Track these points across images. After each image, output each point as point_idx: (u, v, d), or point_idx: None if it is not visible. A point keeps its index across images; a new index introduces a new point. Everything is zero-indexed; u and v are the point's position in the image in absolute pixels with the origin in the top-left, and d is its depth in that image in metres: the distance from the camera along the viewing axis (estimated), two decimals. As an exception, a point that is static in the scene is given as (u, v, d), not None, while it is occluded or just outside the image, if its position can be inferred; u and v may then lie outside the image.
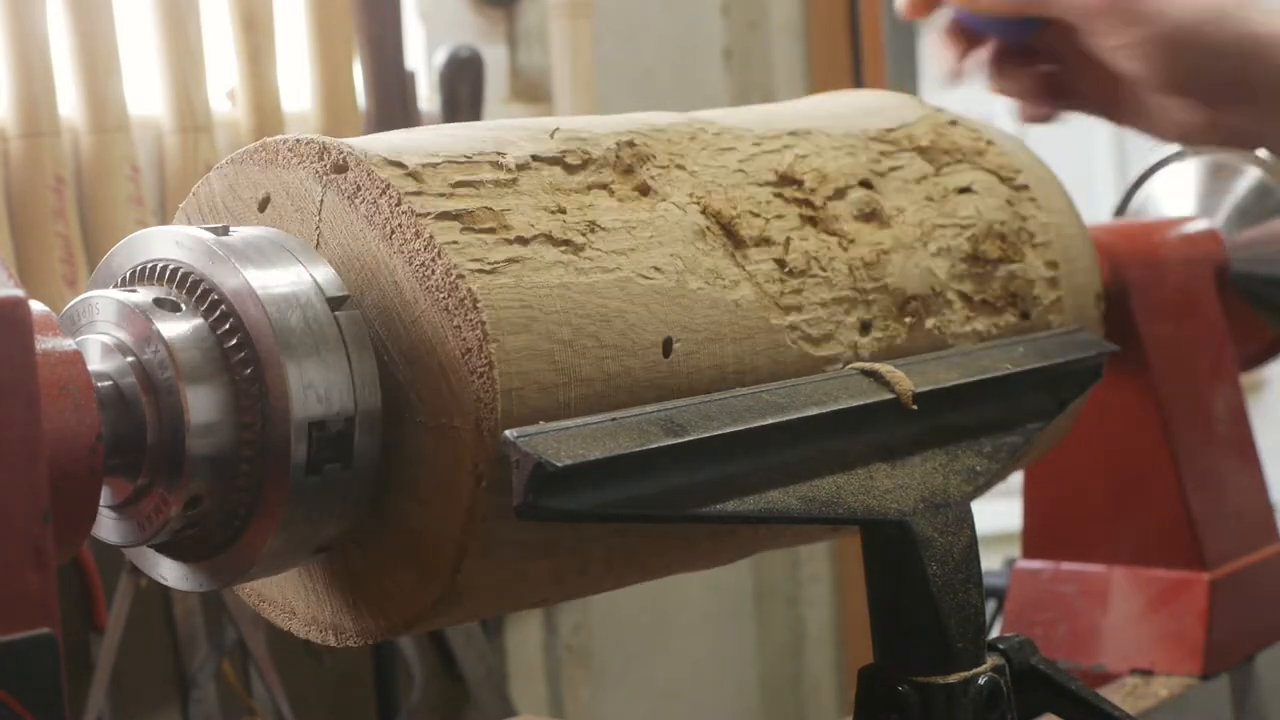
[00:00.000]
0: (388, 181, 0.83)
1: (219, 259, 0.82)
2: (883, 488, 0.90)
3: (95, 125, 1.89)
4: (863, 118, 1.08)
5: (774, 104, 1.11)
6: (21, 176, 1.84)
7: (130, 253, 0.86)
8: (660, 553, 0.94)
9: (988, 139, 1.12)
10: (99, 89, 1.88)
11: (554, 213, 0.87)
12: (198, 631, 2.04)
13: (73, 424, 0.75)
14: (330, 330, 0.82)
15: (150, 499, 0.81)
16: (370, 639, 0.88)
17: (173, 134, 1.97)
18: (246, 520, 0.82)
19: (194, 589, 0.85)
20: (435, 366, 0.82)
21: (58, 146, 1.85)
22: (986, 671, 0.89)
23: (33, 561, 0.69)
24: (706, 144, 0.97)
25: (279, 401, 0.80)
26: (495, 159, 0.87)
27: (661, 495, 0.82)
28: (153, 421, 0.80)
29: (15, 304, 0.70)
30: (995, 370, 0.99)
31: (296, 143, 0.86)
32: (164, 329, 0.80)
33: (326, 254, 0.85)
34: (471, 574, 0.83)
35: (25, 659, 0.68)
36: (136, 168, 1.92)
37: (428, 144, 0.87)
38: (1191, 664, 1.31)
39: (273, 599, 0.91)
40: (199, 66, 1.97)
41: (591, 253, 0.86)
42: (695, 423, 0.83)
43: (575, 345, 0.83)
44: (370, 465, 0.83)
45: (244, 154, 0.89)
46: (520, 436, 0.77)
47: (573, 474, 0.77)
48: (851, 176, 1.01)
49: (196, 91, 1.97)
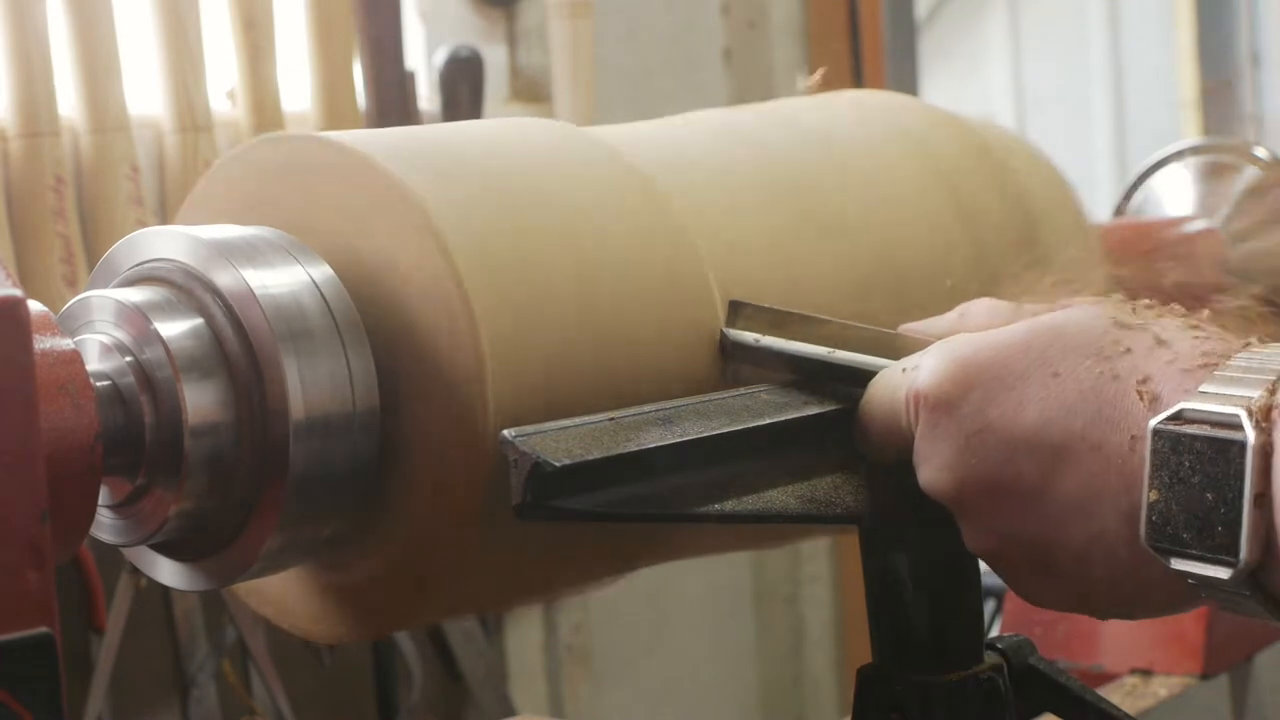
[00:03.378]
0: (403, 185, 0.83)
1: (217, 259, 0.82)
2: (881, 487, 0.90)
3: (95, 125, 1.89)
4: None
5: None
6: (21, 176, 1.84)
7: (129, 252, 0.86)
8: (654, 549, 0.94)
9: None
10: (99, 89, 1.88)
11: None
12: (198, 631, 2.04)
13: (71, 423, 0.75)
14: (328, 330, 0.82)
15: (149, 498, 0.81)
16: (368, 636, 0.88)
17: (173, 134, 1.97)
18: (245, 520, 0.82)
19: (193, 588, 0.85)
20: (435, 367, 0.82)
21: (58, 146, 1.85)
22: (985, 671, 0.89)
23: (31, 561, 0.69)
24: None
25: (277, 401, 0.80)
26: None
27: (659, 495, 0.82)
28: (151, 421, 0.80)
29: (14, 304, 0.70)
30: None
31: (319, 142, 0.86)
32: (162, 329, 0.80)
33: (327, 253, 0.85)
34: (470, 573, 0.83)
35: (24, 659, 0.68)
36: (136, 168, 1.92)
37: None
38: (1191, 664, 1.31)
39: (271, 598, 0.91)
40: (199, 66, 1.97)
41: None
42: (693, 422, 0.83)
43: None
44: (368, 465, 0.83)
45: (244, 150, 0.89)
46: (519, 436, 0.78)
47: (571, 474, 0.77)
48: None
49: (196, 91, 1.97)
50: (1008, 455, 0.79)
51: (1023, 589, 0.83)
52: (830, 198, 1.01)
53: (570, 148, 0.94)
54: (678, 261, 0.91)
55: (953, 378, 0.80)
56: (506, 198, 0.87)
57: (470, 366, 0.80)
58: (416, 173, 0.85)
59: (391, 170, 0.84)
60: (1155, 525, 0.74)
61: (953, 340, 0.83)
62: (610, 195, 0.91)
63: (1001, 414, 0.79)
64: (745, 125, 1.06)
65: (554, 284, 0.85)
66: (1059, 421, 0.78)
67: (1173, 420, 0.74)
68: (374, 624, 0.88)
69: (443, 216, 0.83)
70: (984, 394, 0.80)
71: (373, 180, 0.84)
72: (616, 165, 0.93)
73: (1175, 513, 0.73)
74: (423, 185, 0.84)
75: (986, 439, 0.79)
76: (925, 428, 0.81)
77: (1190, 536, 0.73)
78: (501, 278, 0.83)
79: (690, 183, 0.96)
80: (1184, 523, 0.73)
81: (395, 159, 0.85)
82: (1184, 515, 0.73)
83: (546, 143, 0.94)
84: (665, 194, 0.93)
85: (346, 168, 0.85)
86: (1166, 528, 0.74)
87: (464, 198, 0.85)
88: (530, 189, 0.88)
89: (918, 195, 1.05)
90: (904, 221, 1.03)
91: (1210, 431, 0.73)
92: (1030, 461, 0.78)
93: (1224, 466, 0.72)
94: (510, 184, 0.88)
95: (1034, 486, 0.79)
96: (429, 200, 0.83)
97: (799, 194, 1.00)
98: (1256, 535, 0.71)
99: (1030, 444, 0.78)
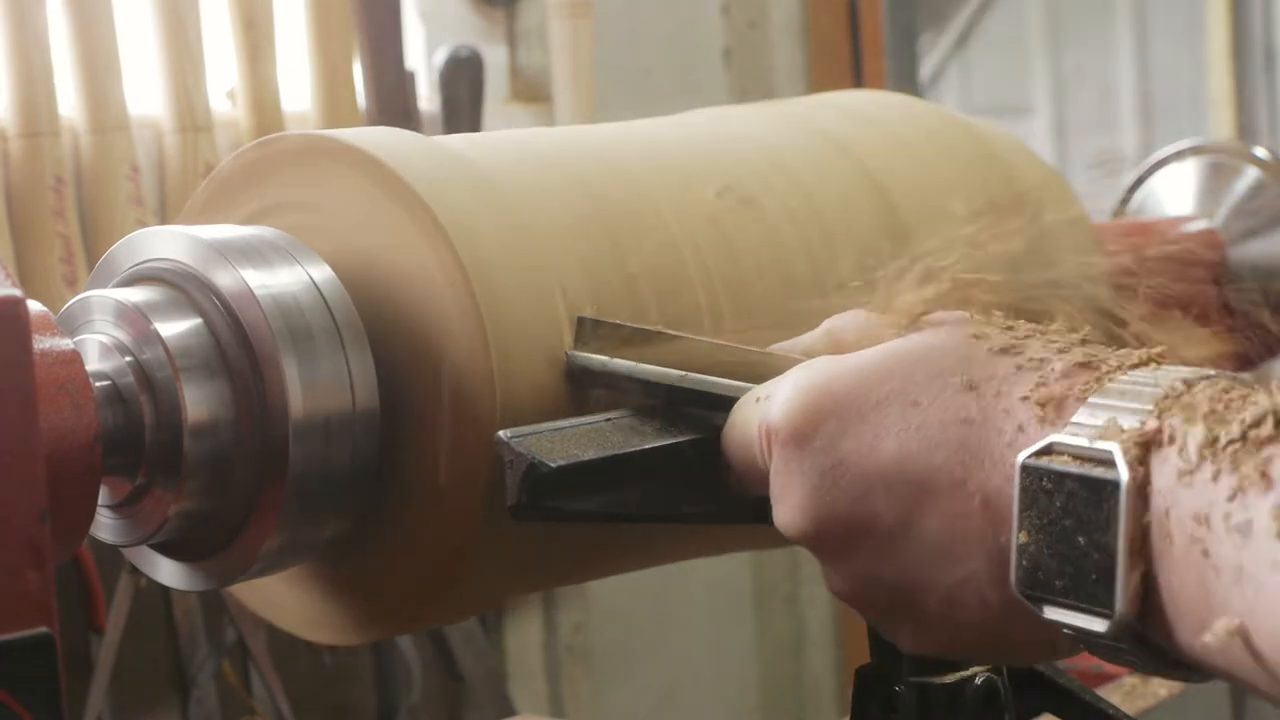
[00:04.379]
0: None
1: (217, 259, 0.82)
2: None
3: (95, 125, 1.89)
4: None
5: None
6: (21, 176, 1.84)
7: (129, 252, 0.86)
8: (648, 545, 0.94)
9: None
10: (99, 89, 1.88)
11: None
12: (198, 631, 2.04)
13: (71, 423, 0.75)
14: (328, 330, 0.82)
15: (149, 498, 0.81)
16: (369, 638, 0.88)
17: (173, 134, 1.97)
18: (245, 520, 0.82)
19: (193, 588, 0.85)
20: (433, 367, 0.82)
21: (58, 146, 1.85)
22: (984, 671, 0.89)
23: (31, 561, 0.69)
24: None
25: (277, 401, 0.80)
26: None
27: (656, 495, 0.82)
28: (151, 421, 0.80)
29: (13, 304, 0.70)
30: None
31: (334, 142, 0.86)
32: (162, 329, 0.80)
33: (326, 253, 0.85)
34: (468, 571, 0.83)
35: (24, 659, 0.68)
36: (136, 168, 1.92)
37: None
38: (1190, 664, 1.30)
39: (271, 598, 0.91)
40: (199, 66, 1.97)
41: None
42: (690, 422, 0.83)
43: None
44: (368, 465, 0.83)
45: (246, 150, 0.90)
46: (514, 437, 0.78)
47: (567, 474, 0.77)
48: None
49: (196, 91, 1.97)
50: (863, 493, 0.72)
51: (890, 634, 0.76)
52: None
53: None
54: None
55: (804, 409, 0.73)
56: (504, 198, 0.87)
57: (473, 366, 0.80)
58: (419, 171, 0.85)
59: (395, 168, 0.84)
60: (1026, 570, 0.67)
61: (809, 365, 0.76)
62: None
63: (856, 448, 0.72)
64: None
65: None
66: (919, 455, 0.70)
67: (1043, 454, 0.66)
68: (374, 627, 0.88)
69: (446, 215, 0.83)
70: (838, 426, 0.72)
71: (375, 178, 0.84)
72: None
73: (1047, 558, 0.66)
74: (425, 183, 0.84)
75: (840, 475, 0.72)
76: (778, 463, 0.74)
77: (1063, 584, 0.65)
78: (505, 277, 0.83)
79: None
80: (1056, 569, 0.65)
81: (397, 157, 0.85)
82: (1056, 561, 0.65)
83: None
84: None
85: (348, 166, 0.85)
86: (1038, 573, 0.66)
87: (465, 196, 0.85)
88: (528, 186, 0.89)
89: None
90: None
91: (1081, 469, 0.65)
92: (888, 499, 0.71)
93: (1096, 508, 0.64)
94: (507, 183, 0.88)
95: (893, 527, 0.71)
96: (433, 198, 0.83)
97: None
98: (1133, 586, 0.64)
99: (887, 480, 0.71)
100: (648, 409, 0.82)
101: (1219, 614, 0.61)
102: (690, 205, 0.93)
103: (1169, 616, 0.64)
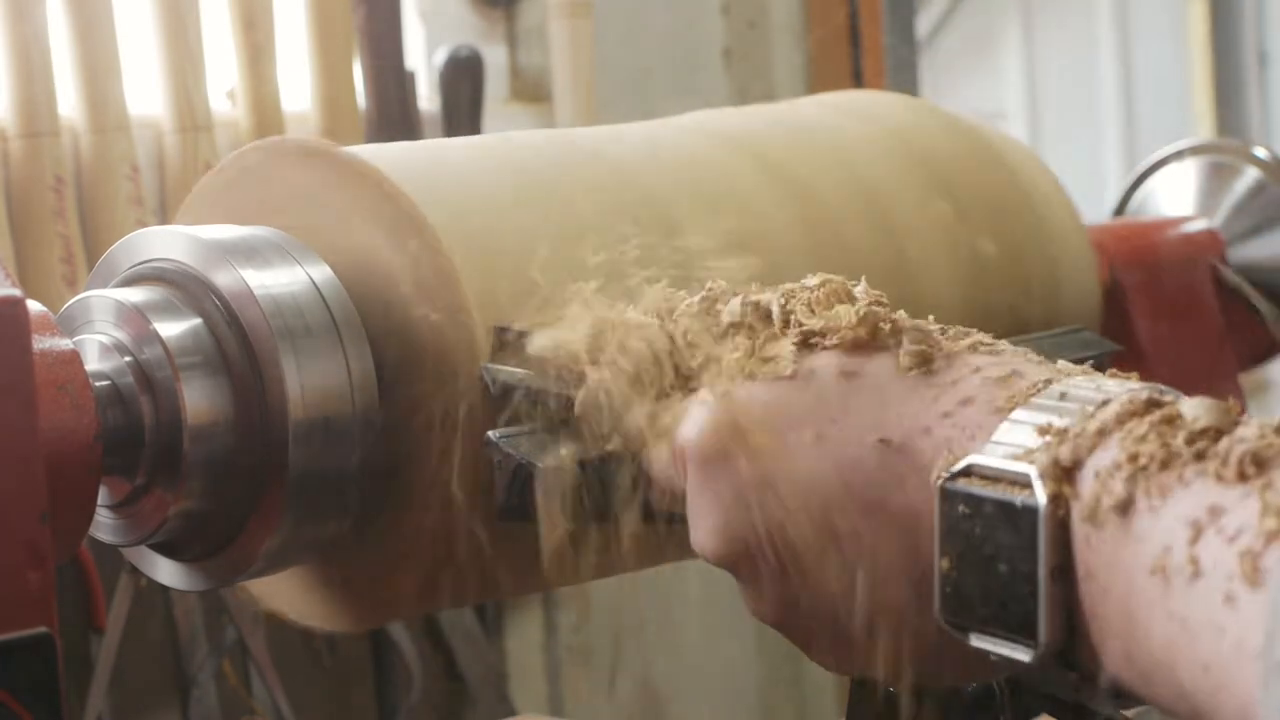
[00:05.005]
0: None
1: (217, 259, 0.82)
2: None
3: (95, 125, 1.89)
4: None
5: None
6: (21, 176, 1.84)
7: (129, 252, 0.86)
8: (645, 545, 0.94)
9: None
10: (99, 89, 1.88)
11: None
12: (198, 631, 2.04)
13: (70, 423, 0.75)
14: (328, 330, 0.82)
15: (148, 498, 0.81)
16: (364, 627, 0.88)
17: (173, 134, 1.97)
18: (245, 520, 0.82)
19: (193, 588, 0.85)
20: (432, 368, 0.82)
21: (58, 146, 1.85)
22: (983, 671, 0.88)
23: (31, 561, 0.69)
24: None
25: (277, 401, 0.80)
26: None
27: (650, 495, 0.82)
28: (151, 421, 0.80)
29: (12, 304, 0.70)
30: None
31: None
32: (162, 329, 0.80)
33: (326, 253, 0.85)
34: (471, 569, 0.83)
35: (24, 659, 0.69)
36: (136, 168, 1.92)
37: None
38: (1190, 664, 1.30)
39: (271, 594, 0.92)
40: (199, 66, 1.97)
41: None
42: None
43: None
44: (367, 464, 0.83)
45: (246, 151, 0.90)
46: (503, 437, 0.78)
47: (556, 475, 0.77)
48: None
49: (196, 91, 1.97)
50: (779, 516, 0.68)
51: (817, 658, 0.73)
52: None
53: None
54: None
55: (717, 426, 0.69)
56: (494, 196, 0.87)
57: (466, 365, 0.80)
58: (407, 171, 0.85)
59: (383, 170, 0.84)
60: (948, 598, 0.64)
61: (725, 380, 0.71)
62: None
63: (771, 469, 0.68)
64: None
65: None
66: (835, 476, 0.67)
67: (962, 476, 0.63)
68: (372, 615, 0.88)
69: (435, 214, 0.83)
70: (753, 444, 0.68)
71: (367, 180, 0.84)
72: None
73: (969, 584, 0.62)
74: (413, 183, 0.84)
75: (755, 497, 0.68)
76: (693, 484, 0.70)
77: (986, 612, 0.62)
78: (496, 275, 0.83)
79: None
80: (979, 596, 0.62)
81: (386, 161, 0.85)
82: (978, 588, 0.62)
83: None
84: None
85: (340, 168, 0.85)
86: (960, 600, 0.63)
87: (454, 195, 0.85)
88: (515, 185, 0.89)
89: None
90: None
91: (999, 493, 0.61)
92: (805, 522, 0.67)
93: (1014, 534, 0.61)
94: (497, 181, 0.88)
95: (811, 550, 0.68)
96: (420, 197, 0.83)
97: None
98: (1056, 615, 0.61)
99: (803, 502, 0.67)
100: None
101: (1143, 641, 0.58)
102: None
103: (1094, 643, 0.61)
